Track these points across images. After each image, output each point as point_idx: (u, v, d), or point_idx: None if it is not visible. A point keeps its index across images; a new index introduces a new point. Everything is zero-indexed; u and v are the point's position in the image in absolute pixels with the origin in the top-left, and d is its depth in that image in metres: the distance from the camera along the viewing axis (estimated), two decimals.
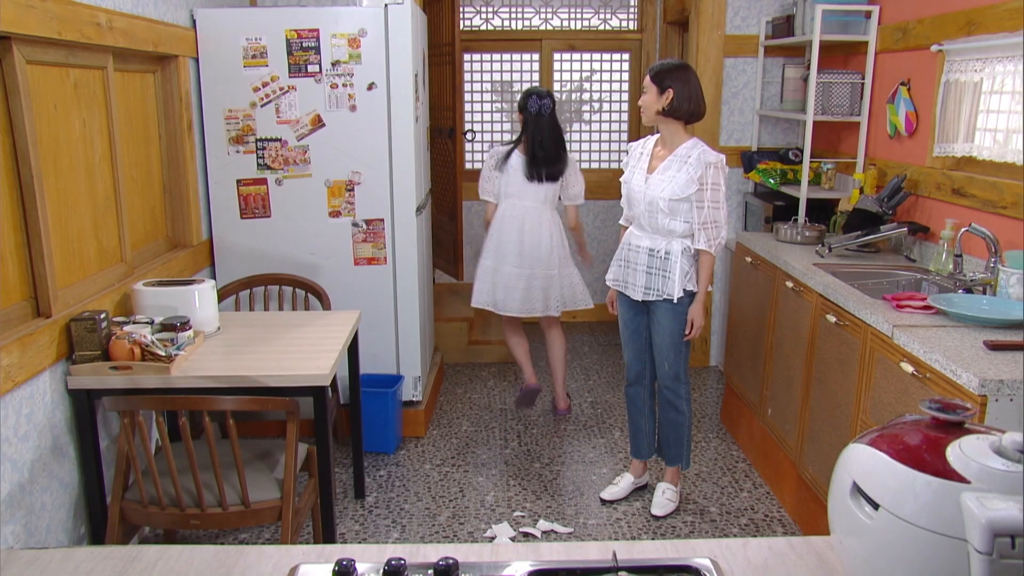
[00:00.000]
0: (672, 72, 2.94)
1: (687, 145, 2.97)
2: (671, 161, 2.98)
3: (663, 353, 3.13)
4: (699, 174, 2.91)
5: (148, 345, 2.51)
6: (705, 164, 2.91)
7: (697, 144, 2.98)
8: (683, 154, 2.96)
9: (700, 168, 2.91)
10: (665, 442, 3.29)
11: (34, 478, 2.30)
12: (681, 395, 3.17)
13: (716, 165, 2.92)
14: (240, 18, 3.50)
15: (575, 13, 5.75)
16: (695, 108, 2.96)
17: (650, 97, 2.96)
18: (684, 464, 3.30)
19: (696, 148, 2.96)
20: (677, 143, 3.00)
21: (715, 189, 2.92)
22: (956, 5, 3.13)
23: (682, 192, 2.93)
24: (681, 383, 3.16)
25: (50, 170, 2.44)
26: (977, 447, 1.01)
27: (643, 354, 3.24)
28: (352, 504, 3.31)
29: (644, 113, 3.01)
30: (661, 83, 2.94)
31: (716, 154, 2.95)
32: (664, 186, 2.95)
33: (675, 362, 3.13)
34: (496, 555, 1.29)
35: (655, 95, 2.95)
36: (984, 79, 2.97)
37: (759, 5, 4.49)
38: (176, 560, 1.29)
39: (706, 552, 1.29)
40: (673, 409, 3.21)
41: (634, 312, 3.19)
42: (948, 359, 2.16)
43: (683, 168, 2.94)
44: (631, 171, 3.12)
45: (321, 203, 3.66)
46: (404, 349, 3.86)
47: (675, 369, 3.13)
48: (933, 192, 3.28)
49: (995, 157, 2.92)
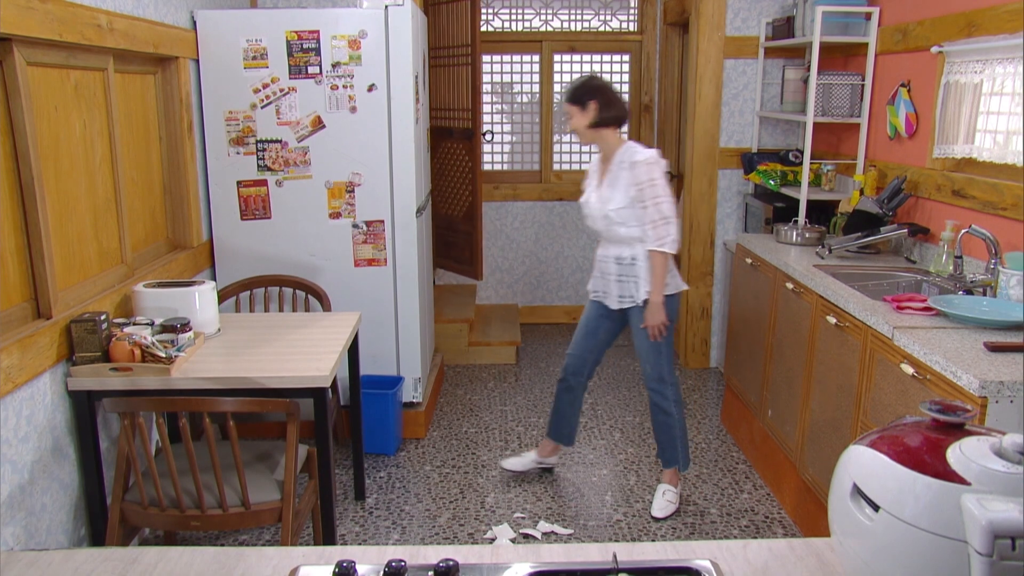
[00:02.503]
0: (585, 87, 3.05)
1: (620, 152, 3.06)
2: (611, 172, 3.07)
3: (644, 356, 3.17)
4: (632, 177, 2.99)
5: (148, 346, 2.51)
6: (631, 164, 2.99)
7: (628, 148, 3.05)
8: (618, 161, 3.05)
9: (631, 170, 2.99)
10: (659, 445, 3.30)
11: (34, 479, 2.30)
12: (668, 396, 3.18)
13: (645, 163, 2.98)
14: (240, 20, 3.50)
15: (575, 15, 5.75)
16: (619, 111, 3.07)
17: (577, 118, 3.06)
18: (681, 465, 3.30)
19: (626, 152, 3.04)
20: (612, 152, 3.09)
21: (651, 185, 2.97)
22: (956, 7, 3.13)
23: (624, 200, 3.02)
24: (666, 384, 3.17)
25: (50, 172, 2.45)
26: (977, 449, 1.01)
27: (589, 353, 3.33)
28: (352, 505, 3.31)
29: (579, 135, 3.12)
30: (581, 101, 3.04)
31: (644, 151, 3.02)
32: (609, 197, 3.05)
33: (656, 363, 3.15)
34: (496, 557, 1.29)
35: (580, 114, 3.05)
36: (984, 81, 2.97)
37: (759, 6, 4.49)
38: (176, 562, 1.29)
39: (706, 554, 1.29)
40: (661, 412, 3.22)
41: (601, 314, 3.28)
42: (948, 360, 2.16)
43: (619, 176, 3.03)
44: (587, 191, 3.22)
45: (321, 204, 3.67)
46: (404, 350, 3.86)
47: (657, 371, 3.16)
48: (933, 193, 3.28)
49: (995, 159, 2.92)
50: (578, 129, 3.08)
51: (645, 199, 2.98)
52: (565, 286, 5.93)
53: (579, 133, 3.10)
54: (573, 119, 3.06)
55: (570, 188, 5.79)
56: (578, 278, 5.87)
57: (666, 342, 3.14)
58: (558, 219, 5.82)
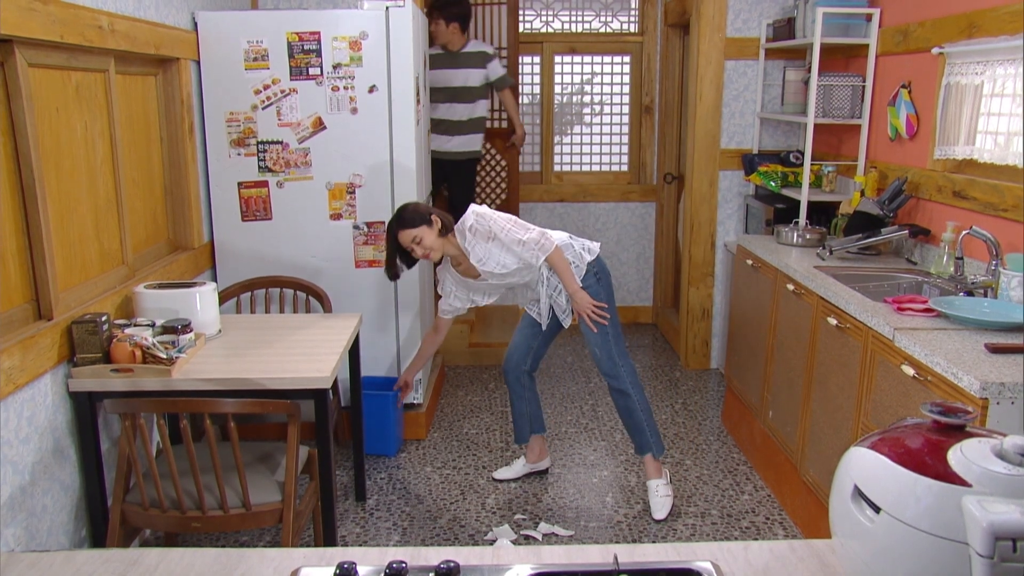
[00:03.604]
0: (415, 210, 3.05)
1: (461, 241, 3.08)
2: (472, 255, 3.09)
3: (592, 342, 3.20)
4: (482, 239, 3.05)
5: (149, 348, 2.51)
6: (472, 233, 3.04)
7: (460, 232, 3.07)
8: (466, 244, 3.08)
9: (475, 236, 3.05)
10: (628, 433, 3.33)
11: (35, 481, 2.30)
12: (623, 378, 3.20)
13: (473, 224, 3.03)
14: (241, 21, 3.51)
15: (576, 16, 5.75)
16: (440, 213, 3.08)
17: (428, 236, 3.02)
18: (655, 450, 3.28)
19: (463, 232, 3.06)
20: (457, 247, 3.11)
21: (498, 232, 3.03)
22: (957, 8, 3.13)
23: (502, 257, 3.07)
24: (618, 366, 3.19)
25: (52, 173, 2.45)
26: (978, 450, 1.01)
27: (531, 341, 3.38)
28: (353, 507, 3.31)
29: (434, 251, 3.07)
30: (425, 220, 3.01)
31: (464, 218, 3.06)
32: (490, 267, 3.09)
33: (604, 346, 3.18)
34: (497, 558, 1.29)
35: (428, 231, 3.01)
36: (985, 82, 2.97)
37: (760, 8, 4.49)
38: (177, 563, 1.29)
39: (707, 555, 1.29)
40: (620, 394, 3.22)
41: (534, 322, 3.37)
42: (949, 362, 2.16)
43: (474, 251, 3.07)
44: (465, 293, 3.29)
45: (322, 206, 3.67)
46: (405, 352, 3.86)
47: (606, 352, 3.18)
48: (934, 195, 3.28)
49: (996, 160, 2.92)
50: (436, 247, 3.06)
51: (504, 242, 3.04)
52: None
53: (437, 251, 3.07)
54: (426, 238, 3.01)
55: (571, 189, 5.79)
56: None
57: (611, 324, 3.17)
58: (559, 220, 5.81)
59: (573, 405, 4.38)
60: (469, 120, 4.82)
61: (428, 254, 3.06)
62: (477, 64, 4.75)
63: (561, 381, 4.75)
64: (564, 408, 4.34)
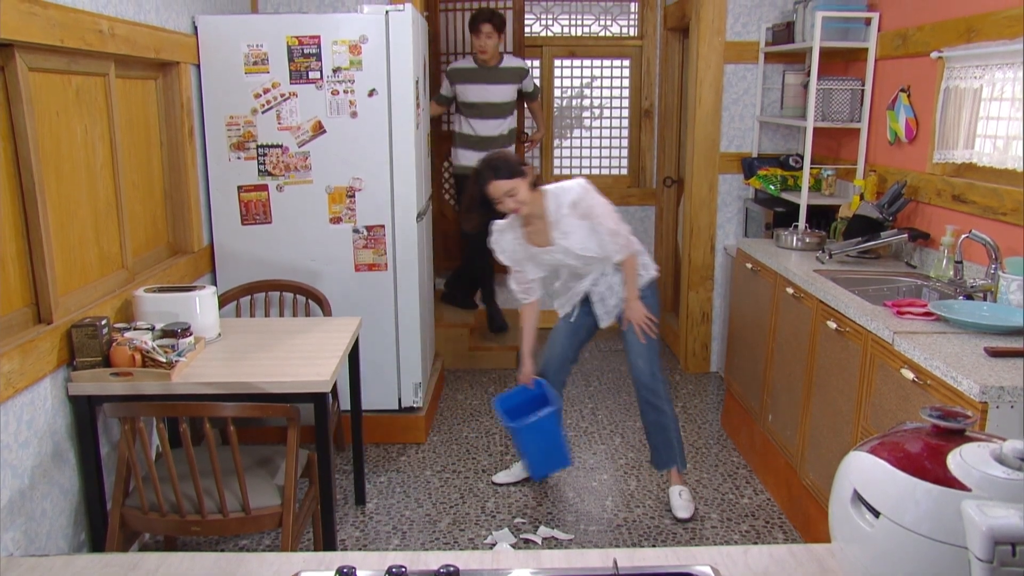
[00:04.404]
0: (511, 159, 2.92)
1: (549, 204, 2.96)
2: (553, 224, 2.98)
3: (638, 353, 3.17)
4: (577, 215, 2.94)
5: (149, 351, 2.51)
6: (572, 205, 2.94)
7: (553, 195, 2.96)
8: (554, 210, 2.96)
9: (574, 208, 2.94)
10: (655, 448, 3.30)
11: (34, 484, 2.30)
12: (661, 394, 3.20)
13: (578, 197, 2.93)
14: (241, 25, 3.51)
15: (575, 20, 5.76)
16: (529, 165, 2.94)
17: (524, 190, 2.88)
18: (680, 464, 3.30)
19: (558, 198, 2.95)
20: (540, 208, 2.98)
21: (597, 215, 2.96)
22: (956, 12, 3.14)
23: (586, 240, 2.98)
24: (658, 381, 3.19)
25: (52, 176, 2.45)
26: (978, 455, 1.01)
27: (567, 351, 3.30)
28: (353, 510, 3.31)
29: (526, 206, 2.93)
30: (520, 172, 2.88)
31: (570, 186, 2.95)
32: (570, 243, 2.99)
33: (650, 359, 3.17)
34: (497, 563, 1.29)
35: (523, 183, 2.88)
36: (984, 86, 2.98)
37: (759, 12, 4.50)
38: (177, 567, 1.29)
39: (707, 559, 1.29)
40: (655, 410, 3.22)
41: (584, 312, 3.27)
42: (949, 366, 2.16)
43: (561, 223, 2.96)
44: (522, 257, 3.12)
45: (322, 209, 3.67)
46: (405, 355, 3.86)
47: (651, 367, 3.17)
48: (933, 198, 3.28)
49: (995, 163, 2.93)
50: (525, 200, 2.91)
51: (598, 224, 2.97)
52: None
53: (526, 204, 2.92)
54: (518, 193, 2.87)
55: None
56: None
57: (656, 337, 3.17)
58: None
59: (573, 409, 4.37)
60: (506, 134, 4.81)
61: (519, 208, 2.90)
62: (514, 80, 4.75)
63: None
64: (564, 412, 4.34)
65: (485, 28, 4.56)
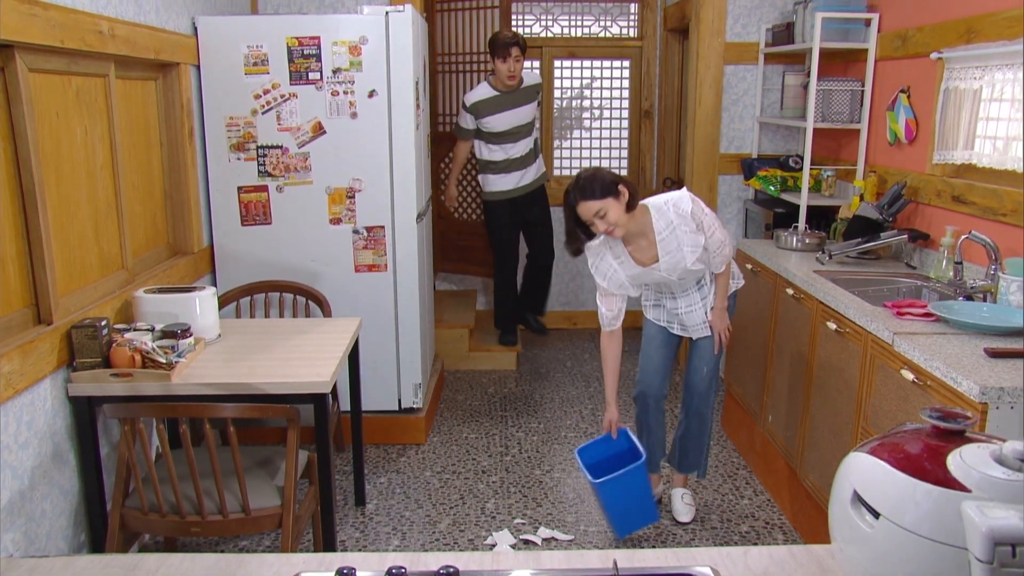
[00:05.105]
0: (600, 178, 2.66)
1: (657, 220, 2.77)
2: (662, 241, 2.79)
3: (709, 362, 3.10)
4: (693, 227, 2.77)
5: (149, 352, 2.51)
6: (688, 215, 2.76)
7: (659, 210, 2.78)
8: (664, 227, 2.77)
9: (687, 221, 2.76)
10: (684, 452, 3.27)
11: (34, 485, 2.30)
12: (711, 403, 3.18)
13: (691, 207, 2.75)
14: (241, 26, 3.51)
15: (575, 21, 5.76)
16: (628, 183, 2.72)
17: (614, 210, 2.64)
18: (702, 473, 3.31)
19: (666, 213, 2.77)
20: (644, 225, 2.78)
21: (707, 226, 2.80)
22: (956, 13, 3.14)
23: (697, 252, 2.80)
24: (712, 390, 3.16)
25: (52, 177, 2.45)
26: (978, 456, 1.01)
27: (667, 361, 3.14)
28: (352, 511, 3.31)
29: (619, 228, 2.69)
30: (611, 191, 2.64)
31: (678, 197, 2.78)
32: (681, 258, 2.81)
33: (715, 366, 3.12)
34: (497, 563, 1.29)
35: (615, 204, 2.64)
36: (984, 87, 2.98)
37: (759, 12, 4.50)
38: (176, 568, 1.29)
39: (707, 560, 1.29)
40: (699, 418, 3.19)
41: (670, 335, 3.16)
42: (949, 367, 2.16)
43: (675, 235, 2.78)
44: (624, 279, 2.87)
45: (322, 210, 3.67)
46: (404, 356, 3.86)
47: (713, 373, 3.12)
48: (933, 199, 3.28)
49: (995, 164, 2.93)
50: (618, 222, 2.66)
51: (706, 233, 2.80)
52: (565, 291, 5.93)
53: (620, 225, 2.68)
54: (610, 213, 2.63)
55: None
56: (577, 284, 5.87)
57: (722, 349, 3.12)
58: (558, 225, 5.81)
59: (573, 409, 4.37)
60: (533, 148, 4.76)
61: (612, 230, 2.67)
62: (535, 97, 4.70)
63: (561, 385, 4.75)
64: (564, 412, 4.34)
65: (514, 52, 4.39)
